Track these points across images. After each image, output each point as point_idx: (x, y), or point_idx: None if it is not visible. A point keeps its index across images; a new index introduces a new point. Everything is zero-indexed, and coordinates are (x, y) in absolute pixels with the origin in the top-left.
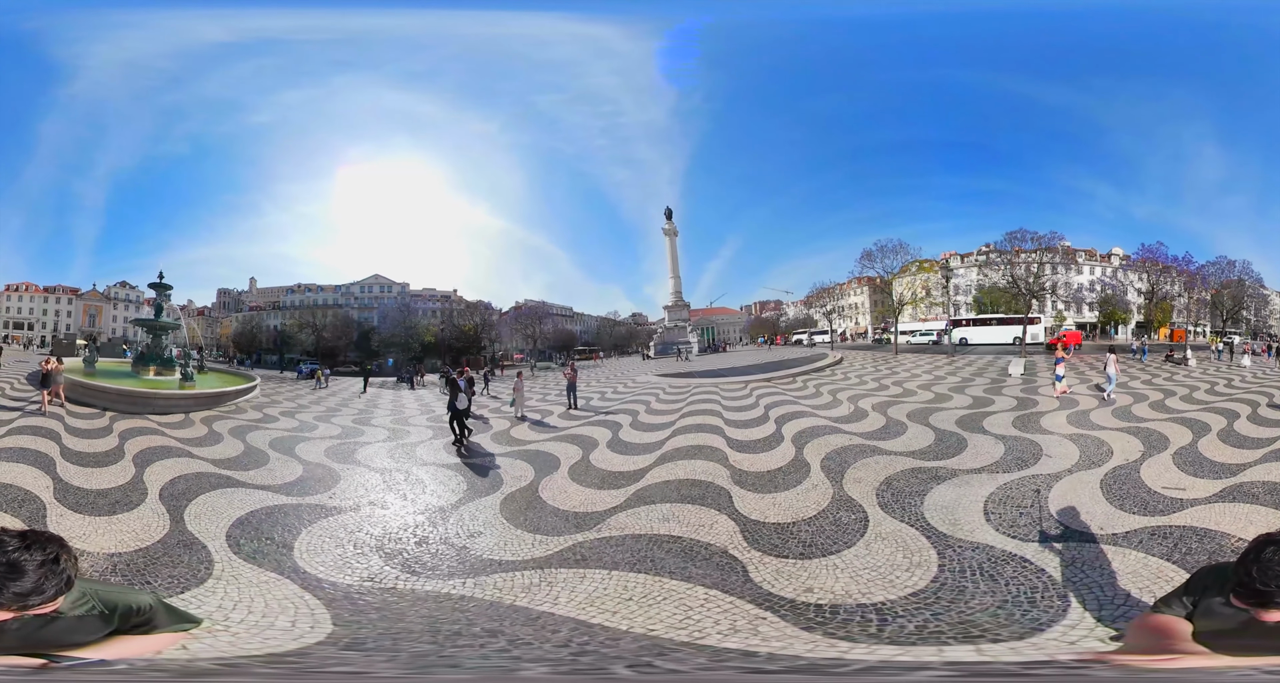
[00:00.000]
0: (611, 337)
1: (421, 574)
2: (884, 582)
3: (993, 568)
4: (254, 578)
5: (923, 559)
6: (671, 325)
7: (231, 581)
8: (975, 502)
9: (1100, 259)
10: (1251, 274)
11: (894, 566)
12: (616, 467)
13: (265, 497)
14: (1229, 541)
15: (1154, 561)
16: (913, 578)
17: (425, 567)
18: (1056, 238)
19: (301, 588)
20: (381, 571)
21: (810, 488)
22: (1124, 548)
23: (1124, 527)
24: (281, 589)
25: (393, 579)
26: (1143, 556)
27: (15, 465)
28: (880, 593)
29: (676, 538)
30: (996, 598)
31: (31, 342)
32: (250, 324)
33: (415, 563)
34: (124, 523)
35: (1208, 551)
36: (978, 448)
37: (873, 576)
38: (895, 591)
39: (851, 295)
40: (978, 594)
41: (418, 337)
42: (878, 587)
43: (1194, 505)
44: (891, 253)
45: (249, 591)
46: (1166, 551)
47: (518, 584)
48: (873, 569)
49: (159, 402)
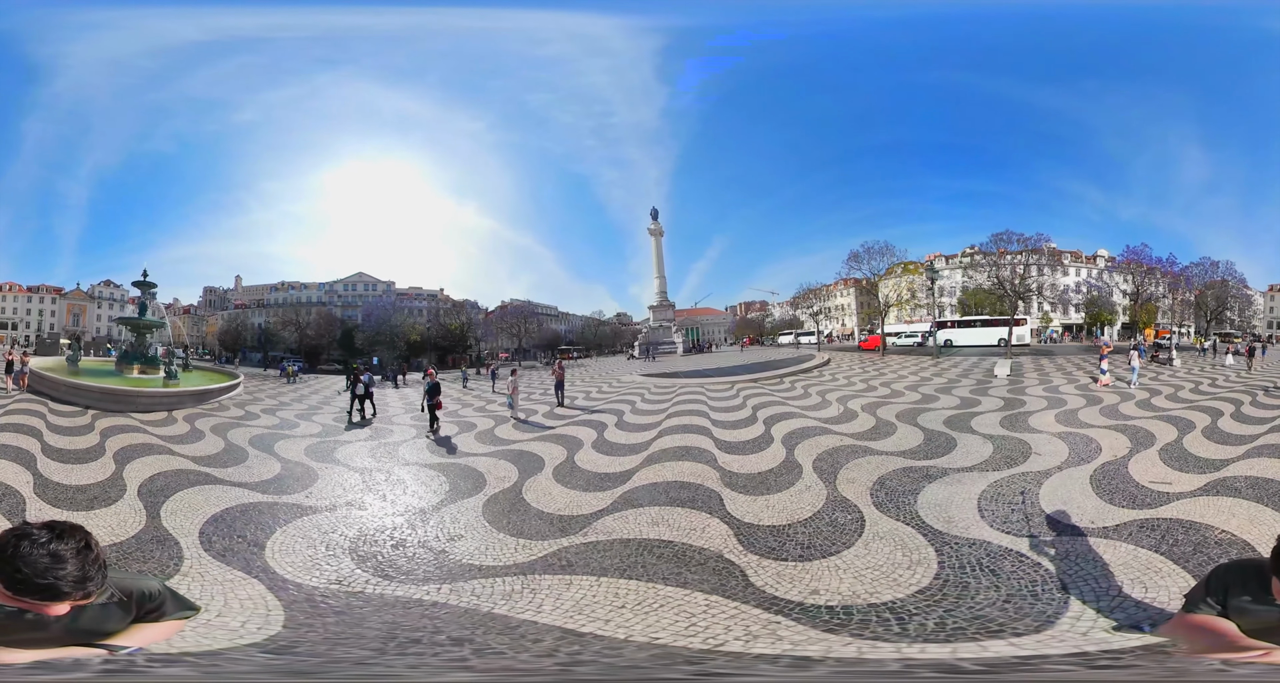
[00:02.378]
0: (596, 336)
1: (394, 579)
2: (889, 581)
3: (991, 563)
4: (220, 576)
5: (922, 557)
6: (656, 325)
7: (197, 578)
8: (968, 499)
9: (1086, 261)
10: (1235, 275)
11: (895, 564)
12: (602, 468)
13: (241, 494)
14: (1213, 532)
15: (1143, 552)
16: (915, 576)
17: (400, 571)
18: (1043, 239)
19: (266, 588)
20: (352, 574)
21: (804, 489)
22: (1115, 541)
23: (1114, 520)
24: (246, 589)
25: (362, 583)
26: (1132, 548)
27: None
28: (888, 592)
29: (668, 542)
30: (1001, 593)
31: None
32: (235, 322)
33: (389, 567)
34: (100, 518)
35: (1193, 542)
36: (967, 447)
37: (876, 575)
38: (902, 589)
39: (838, 297)
40: (981, 589)
41: (403, 335)
42: (884, 586)
43: (1180, 499)
44: (878, 254)
45: (211, 588)
46: (1154, 542)
47: (498, 591)
48: (875, 569)
49: (142, 400)
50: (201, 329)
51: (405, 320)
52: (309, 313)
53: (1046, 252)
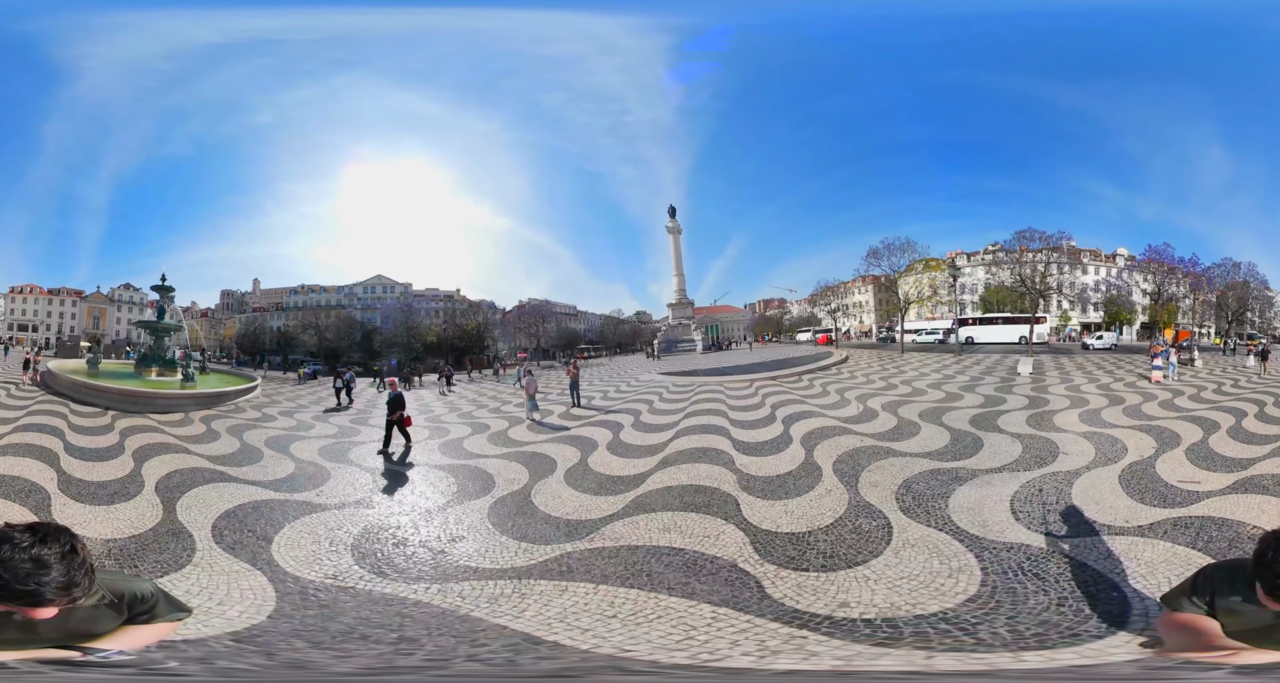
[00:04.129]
0: (615, 335)
1: (388, 576)
2: (930, 591)
3: (1034, 567)
4: (228, 567)
5: (963, 564)
6: (675, 323)
7: (207, 568)
8: (1001, 501)
9: (1105, 259)
10: (1257, 276)
11: (933, 573)
12: (616, 471)
13: (255, 492)
14: (1245, 528)
15: (1181, 549)
16: (960, 584)
17: (396, 569)
18: (1064, 237)
19: (268, 580)
20: (349, 569)
21: (824, 493)
22: (1151, 539)
23: (1148, 519)
24: (250, 580)
25: (355, 579)
26: (1170, 545)
27: (21, 459)
28: (934, 603)
29: (678, 550)
30: (1051, 597)
31: (36, 343)
32: (253, 325)
33: (386, 565)
34: (120, 512)
35: (1228, 539)
36: (995, 447)
37: (914, 585)
38: (948, 599)
39: (856, 294)
40: (1032, 594)
41: (419, 337)
42: (926, 596)
43: (1210, 497)
44: (898, 251)
45: (219, 578)
46: (1190, 539)
47: (485, 594)
48: (911, 578)
49: (160, 401)
50: (219, 332)
51: (422, 322)
52: (328, 316)
53: (1066, 250)
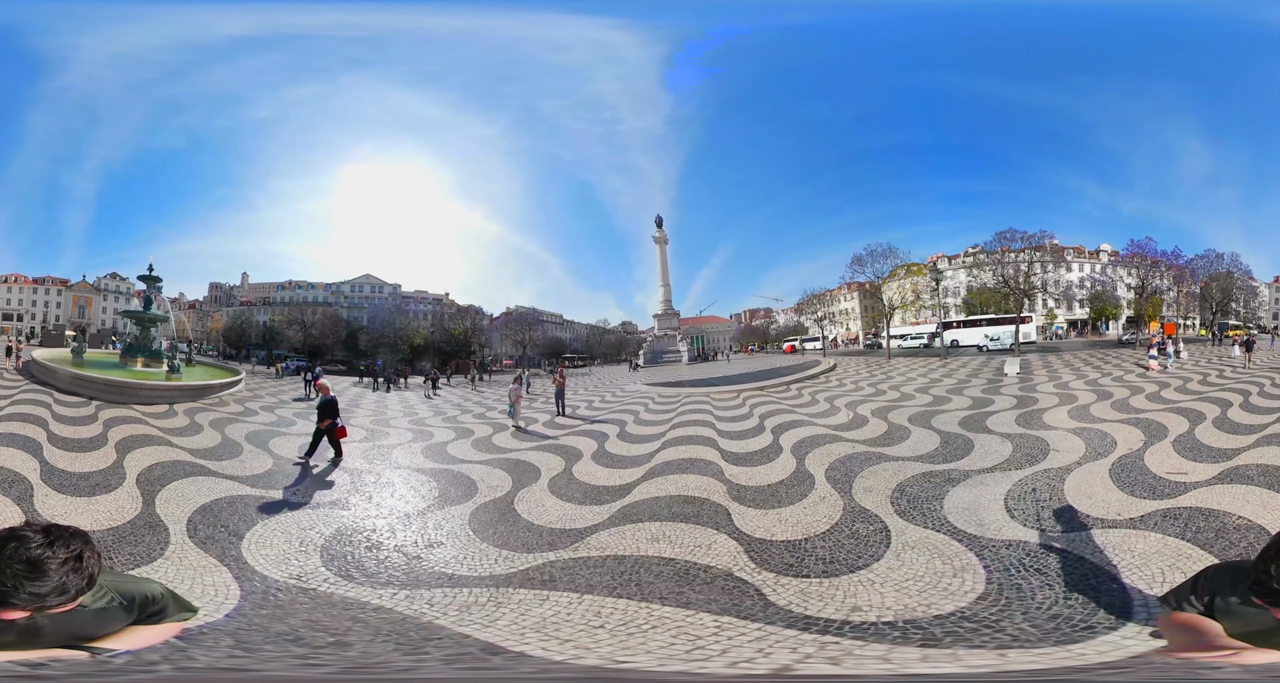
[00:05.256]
0: (601, 345)
1: (355, 580)
2: (938, 591)
3: (1035, 563)
4: (196, 562)
5: (965, 564)
6: (661, 334)
7: (177, 562)
8: (995, 500)
9: (1089, 256)
10: (1240, 266)
11: (938, 574)
12: (601, 481)
13: (232, 487)
14: (1230, 518)
15: (1171, 540)
16: (966, 583)
17: (364, 573)
18: (1046, 236)
19: (233, 577)
20: (315, 571)
21: (818, 501)
22: (1143, 531)
23: (1138, 511)
24: (216, 576)
25: (319, 581)
26: (1161, 536)
27: (5, 449)
28: (947, 603)
29: (668, 560)
30: (1056, 591)
31: (21, 332)
32: (240, 319)
33: (355, 568)
34: (101, 504)
35: (1214, 528)
36: (986, 448)
37: (921, 586)
38: (958, 598)
39: (842, 301)
40: (1038, 589)
41: (406, 338)
42: (937, 596)
43: (1196, 488)
44: (881, 257)
45: (186, 573)
46: (1179, 530)
47: (457, 602)
48: (917, 580)
49: (144, 392)
50: (206, 325)
51: (409, 323)
52: (314, 313)
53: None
